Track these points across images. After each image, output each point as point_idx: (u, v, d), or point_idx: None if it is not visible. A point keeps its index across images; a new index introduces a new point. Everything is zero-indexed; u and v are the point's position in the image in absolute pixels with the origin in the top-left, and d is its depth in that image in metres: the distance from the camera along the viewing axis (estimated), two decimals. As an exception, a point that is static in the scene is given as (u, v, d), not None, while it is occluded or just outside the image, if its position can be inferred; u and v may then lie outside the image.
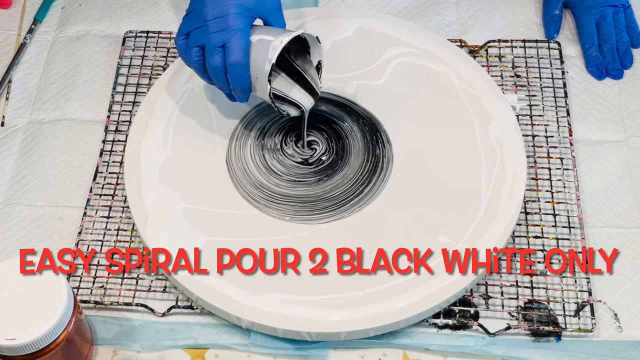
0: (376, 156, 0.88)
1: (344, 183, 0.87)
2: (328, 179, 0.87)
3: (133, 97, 0.96)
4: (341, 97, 0.93)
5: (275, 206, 0.85)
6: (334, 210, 0.85)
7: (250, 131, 0.90)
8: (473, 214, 0.83)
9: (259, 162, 0.88)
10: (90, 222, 0.87)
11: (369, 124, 0.91)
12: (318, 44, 0.83)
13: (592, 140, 0.92)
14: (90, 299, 0.82)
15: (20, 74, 1.01)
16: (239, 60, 0.79)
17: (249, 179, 0.87)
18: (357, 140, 0.90)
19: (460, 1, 1.04)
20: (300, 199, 0.85)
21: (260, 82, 0.81)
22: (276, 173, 0.88)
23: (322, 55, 0.84)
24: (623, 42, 0.98)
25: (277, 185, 0.86)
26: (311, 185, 0.86)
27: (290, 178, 0.87)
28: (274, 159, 0.89)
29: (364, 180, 0.87)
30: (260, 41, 0.80)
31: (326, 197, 0.86)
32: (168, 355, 0.79)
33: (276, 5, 0.84)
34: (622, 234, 0.86)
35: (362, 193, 0.86)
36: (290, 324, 0.77)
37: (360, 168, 0.88)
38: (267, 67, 0.79)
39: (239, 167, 0.88)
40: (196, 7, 0.80)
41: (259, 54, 0.80)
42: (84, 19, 1.05)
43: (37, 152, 0.94)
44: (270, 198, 0.85)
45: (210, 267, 0.80)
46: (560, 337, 0.79)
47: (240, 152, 0.89)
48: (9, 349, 0.68)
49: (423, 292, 0.78)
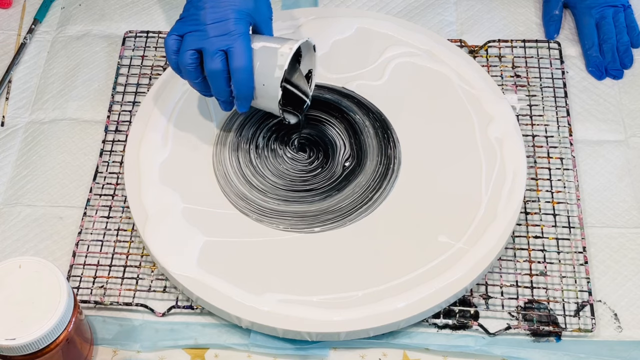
0: (388, 157, 0.87)
1: (355, 192, 0.85)
2: (338, 193, 0.85)
3: (133, 97, 0.96)
4: (346, 89, 0.93)
5: (268, 220, 0.83)
6: (338, 222, 0.83)
7: (249, 139, 0.90)
8: (473, 214, 0.83)
9: (252, 177, 0.86)
10: (90, 222, 0.87)
11: (379, 120, 0.90)
12: (313, 53, 0.83)
13: (592, 140, 0.92)
14: (90, 299, 0.82)
15: (20, 74, 1.01)
16: (245, 65, 0.78)
17: (232, 188, 0.85)
18: (370, 137, 0.88)
19: (460, 1, 1.04)
20: (297, 214, 0.84)
21: (268, 88, 0.79)
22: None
23: (315, 64, 0.84)
24: (623, 42, 0.98)
25: (274, 203, 0.85)
26: (314, 203, 0.85)
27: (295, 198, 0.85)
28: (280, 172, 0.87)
29: (375, 186, 0.85)
30: (264, 48, 0.79)
31: (331, 210, 0.84)
32: (168, 355, 0.79)
33: (270, 15, 0.84)
34: (622, 234, 0.86)
35: (372, 200, 0.84)
36: (290, 324, 0.77)
37: (373, 172, 0.86)
38: (277, 73, 0.78)
39: (225, 176, 0.86)
40: (192, 11, 0.79)
41: (266, 61, 0.79)
42: (84, 19, 1.05)
43: (37, 152, 0.94)
44: (269, 213, 0.84)
45: (211, 267, 0.80)
46: (560, 337, 0.79)
47: (224, 160, 0.87)
48: (9, 349, 0.68)
49: (423, 292, 0.78)
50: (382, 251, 0.81)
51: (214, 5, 0.78)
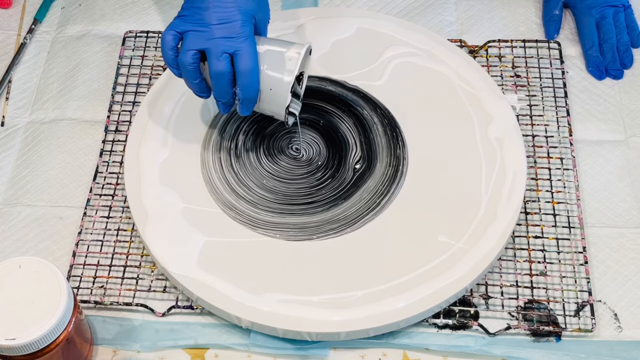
0: (397, 158, 0.86)
1: (363, 198, 0.84)
2: (344, 202, 0.84)
3: (133, 97, 0.96)
4: (348, 82, 0.93)
5: (263, 231, 0.83)
6: (341, 230, 0.82)
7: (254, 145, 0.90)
8: (473, 214, 0.83)
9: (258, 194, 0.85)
10: (90, 222, 0.87)
11: (387, 117, 0.89)
12: (308, 56, 0.83)
13: (592, 140, 0.92)
14: (90, 299, 0.82)
15: (20, 74, 1.01)
16: (252, 67, 0.77)
17: (219, 196, 0.85)
18: (379, 135, 0.87)
19: (460, 1, 1.04)
20: (296, 225, 0.83)
21: (275, 92, 0.79)
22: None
23: (307, 66, 0.84)
24: (623, 42, 0.98)
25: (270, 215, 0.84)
26: (317, 214, 0.84)
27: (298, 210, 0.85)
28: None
29: (384, 190, 0.84)
30: (269, 52, 0.79)
31: (335, 220, 0.83)
32: (168, 355, 0.79)
33: (268, 18, 0.84)
34: (622, 234, 0.86)
35: (379, 206, 0.83)
36: (290, 324, 0.77)
37: (382, 176, 0.85)
38: (287, 78, 0.78)
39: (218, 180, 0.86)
40: (194, 10, 0.78)
41: (273, 65, 0.79)
42: (84, 19, 1.05)
43: (37, 152, 0.94)
44: (264, 225, 0.83)
45: (211, 267, 0.80)
46: (560, 337, 0.79)
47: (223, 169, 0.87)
48: (9, 349, 0.68)
49: (423, 292, 0.78)
50: (382, 251, 0.81)
51: (218, 5, 0.78)
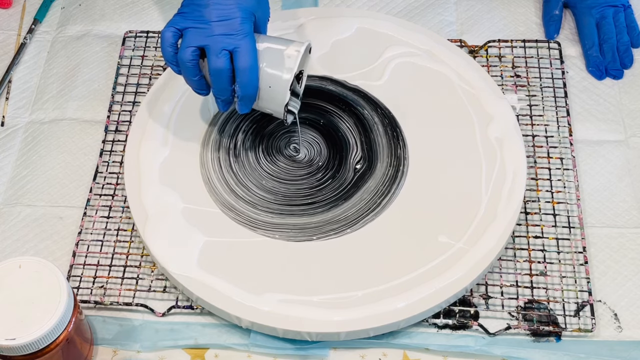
0: (398, 158, 0.86)
1: (363, 198, 0.84)
2: (345, 202, 0.84)
3: (133, 97, 0.96)
4: (348, 82, 0.93)
5: (262, 232, 0.83)
6: (342, 231, 0.82)
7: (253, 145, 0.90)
8: (473, 214, 0.83)
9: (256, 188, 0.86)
10: (90, 222, 0.87)
11: (388, 117, 0.89)
12: (308, 55, 0.83)
13: (592, 140, 0.92)
14: (90, 299, 0.82)
15: (20, 74, 1.01)
16: (252, 64, 0.77)
17: (219, 197, 0.86)
18: (380, 135, 0.87)
19: (460, 1, 1.04)
20: (296, 226, 0.83)
21: (275, 90, 0.79)
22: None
23: (307, 65, 0.84)
24: (623, 42, 0.98)
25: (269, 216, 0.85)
26: (316, 214, 0.84)
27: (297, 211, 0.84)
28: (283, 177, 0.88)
29: (384, 190, 0.84)
30: (268, 49, 0.79)
31: (336, 220, 0.83)
32: (168, 355, 0.79)
33: (268, 16, 0.84)
34: (622, 234, 0.86)
35: (380, 206, 0.83)
36: (290, 324, 0.77)
37: (383, 176, 0.85)
38: (287, 76, 0.78)
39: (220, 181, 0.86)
40: (194, 7, 0.78)
41: (272, 63, 0.79)
42: (84, 19, 1.05)
43: (37, 152, 0.94)
44: (263, 225, 0.83)
45: (211, 267, 0.80)
46: (560, 337, 0.79)
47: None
48: (9, 349, 0.68)
49: (423, 292, 0.78)
50: (382, 251, 0.81)
51: (218, 2, 0.78)
